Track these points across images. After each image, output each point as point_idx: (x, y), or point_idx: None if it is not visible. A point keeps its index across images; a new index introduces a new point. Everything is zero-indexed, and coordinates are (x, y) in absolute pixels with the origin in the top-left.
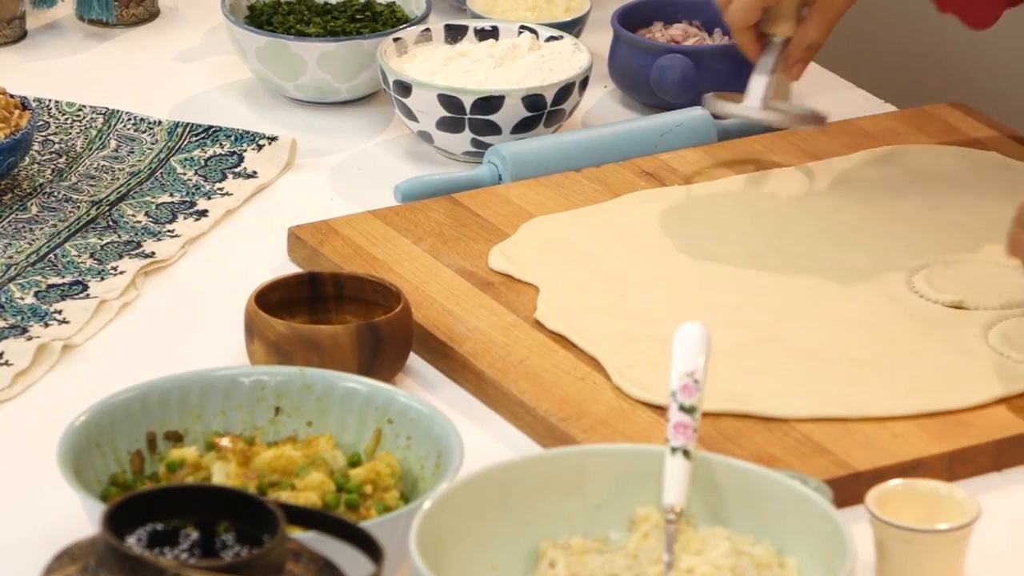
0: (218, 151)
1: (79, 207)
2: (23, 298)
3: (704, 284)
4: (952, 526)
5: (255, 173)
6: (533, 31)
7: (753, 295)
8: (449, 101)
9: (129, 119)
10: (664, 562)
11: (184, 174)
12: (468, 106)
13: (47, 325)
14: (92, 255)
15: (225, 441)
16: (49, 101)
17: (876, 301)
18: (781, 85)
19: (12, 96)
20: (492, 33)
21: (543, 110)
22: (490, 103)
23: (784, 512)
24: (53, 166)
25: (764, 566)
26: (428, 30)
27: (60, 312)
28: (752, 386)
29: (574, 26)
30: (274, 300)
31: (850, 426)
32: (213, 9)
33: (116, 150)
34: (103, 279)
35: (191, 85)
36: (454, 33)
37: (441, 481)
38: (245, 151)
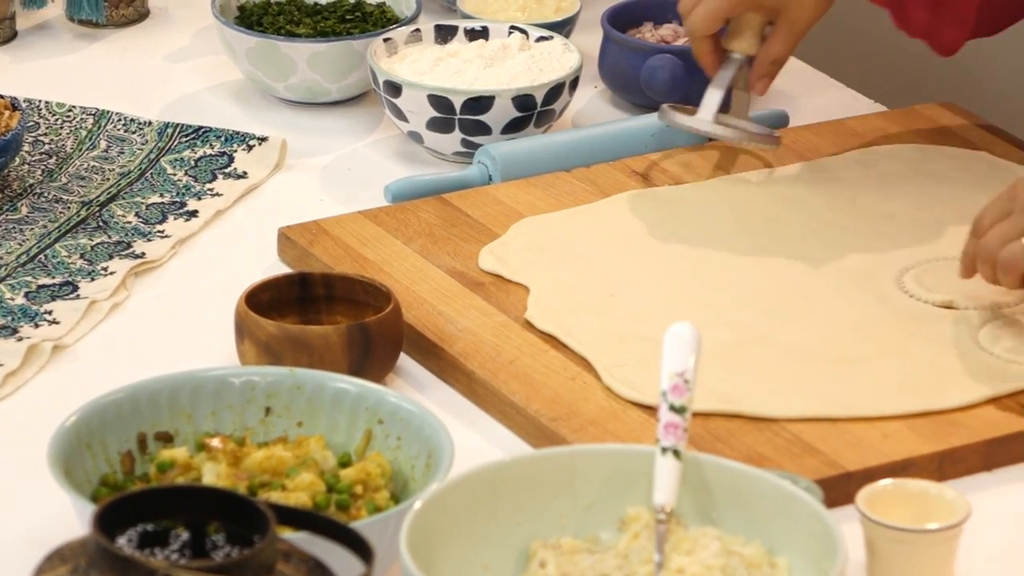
0: (208, 151)
1: (69, 208)
2: (13, 299)
3: (694, 284)
4: (942, 526)
5: (245, 174)
6: (523, 31)
7: (743, 295)
8: (439, 101)
9: (119, 120)
10: (654, 562)
11: (174, 175)
12: (458, 106)
13: (37, 326)
14: (82, 256)
15: (215, 442)
16: (39, 102)
17: (866, 301)
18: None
19: (2, 97)
20: (482, 33)
21: (533, 110)
22: (480, 103)
23: (774, 512)
24: (43, 167)
25: (754, 566)
26: (418, 30)
27: (50, 313)
28: (742, 386)
29: (564, 26)
30: (264, 301)
31: (840, 426)
32: (203, 10)
33: (106, 151)
34: (93, 280)
35: (181, 86)
36: (444, 33)
37: (431, 481)
38: (235, 151)
